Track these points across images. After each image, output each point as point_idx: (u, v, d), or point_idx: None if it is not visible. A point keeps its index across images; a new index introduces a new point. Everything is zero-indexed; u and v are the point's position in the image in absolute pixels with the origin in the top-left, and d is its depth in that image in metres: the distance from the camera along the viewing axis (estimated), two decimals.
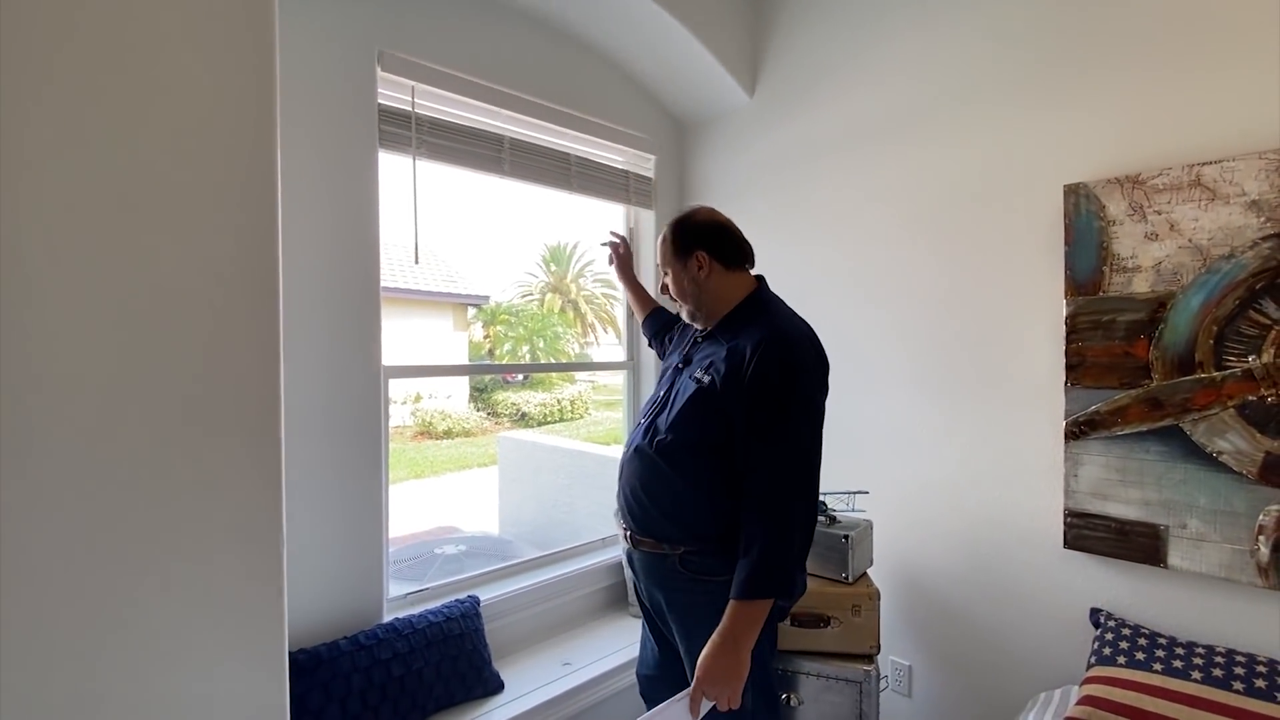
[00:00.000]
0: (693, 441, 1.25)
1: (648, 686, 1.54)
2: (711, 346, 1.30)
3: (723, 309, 1.32)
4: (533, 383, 13.20)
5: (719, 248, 1.31)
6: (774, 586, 1.13)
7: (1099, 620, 1.55)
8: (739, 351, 1.20)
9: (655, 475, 1.30)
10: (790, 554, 1.15)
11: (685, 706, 1.13)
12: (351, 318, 1.68)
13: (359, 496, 1.69)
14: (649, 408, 1.40)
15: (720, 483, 1.25)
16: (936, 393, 1.86)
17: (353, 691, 1.51)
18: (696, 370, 1.28)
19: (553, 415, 11.81)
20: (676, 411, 1.27)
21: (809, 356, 1.21)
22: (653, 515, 1.32)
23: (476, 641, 1.76)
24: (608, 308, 22.07)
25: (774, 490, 1.14)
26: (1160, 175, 1.44)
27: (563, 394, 12.47)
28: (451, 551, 3.02)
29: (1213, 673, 1.31)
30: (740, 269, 1.34)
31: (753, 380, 1.16)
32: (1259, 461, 1.34)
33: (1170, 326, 1.44)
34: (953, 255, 1.82)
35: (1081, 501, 1.57)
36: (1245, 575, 1.36)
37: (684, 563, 1.28)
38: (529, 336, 13.14)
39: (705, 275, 1.30)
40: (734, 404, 1.19)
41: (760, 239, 2.32)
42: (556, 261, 20.88)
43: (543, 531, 3.35)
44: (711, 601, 1.20)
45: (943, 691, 1.87)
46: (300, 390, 1.53)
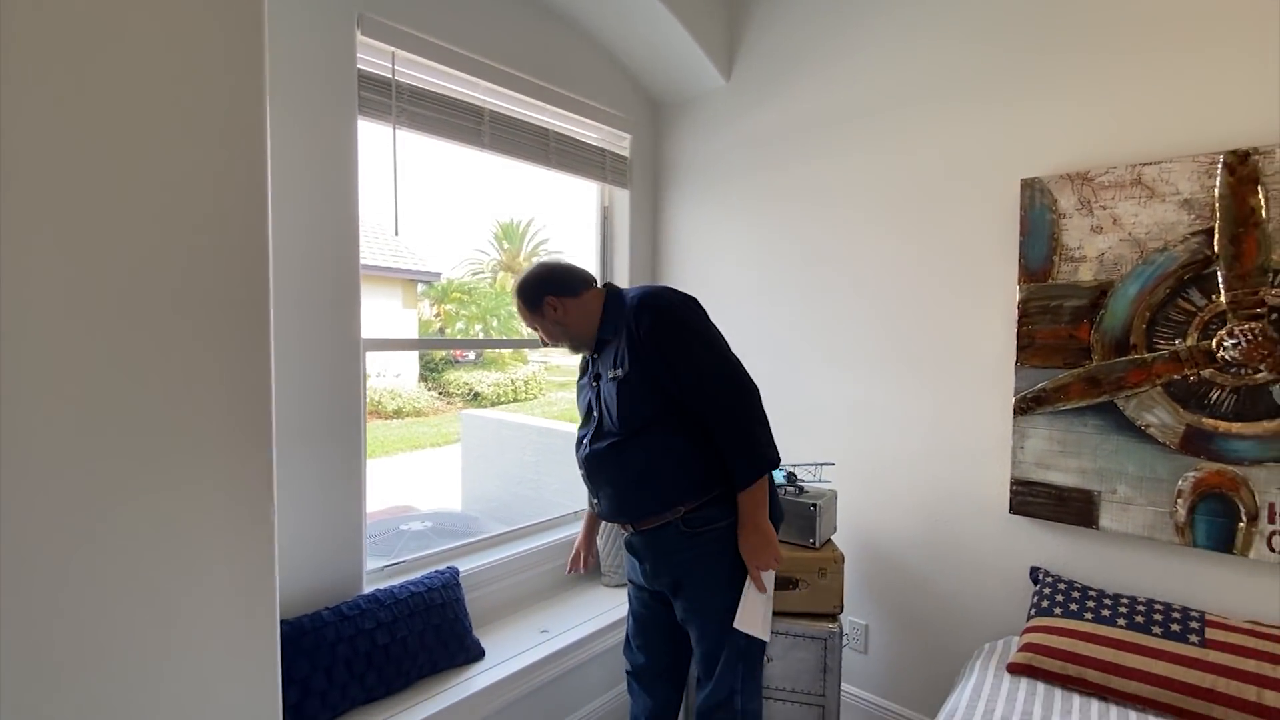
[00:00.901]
0: (645, 420, 1.38)
1: (638, 679, 1.63)
2: (607, 351, 1.45)
3: (593, 324, 1.47)
4: (485, 362, 13.01)
5: (559, 287, 1.46)
6: (760, 465, 1.34)
7: (1038, 577, 1.71)
8: (628, 333, 1.38)
9: (628, 466, 1.41)
10: (756, 437, 1.34)
11: (756, 591, 1.37)
12: (330, 288, 1.66)
13: (338, 468, 1.68)
14: (586, 425, 1.51)
15: (684, 441, 1.37)
16: (898, 371, 1.98)
17: (338, 660, 1.52)
18: (608, 374, 1.42)
19: (506, 395, 11.70)
20: (615, 410, 1.39)
21: (672, 298, 1.39)
22: (644, 498, 1.41)
23: (458, 611, 1.79)
24: None
25: (720, 401, 1.34)
26: (1106, 173, 1.58)
27: (517, 374, 12.36)
28: (418, 528, 3.01)
29: (1135, 619, 1.48)
30: (586, 291, 1.47)
31: (647, 341, 1.35)
32: (1180, 433, 1.50)
33: (1110, 312, 1.59)
34: (916, 241, 1.94)
35: (1026, 471, 1.72)
36: (1165, 534, 1.53)
37: (687, 522, 1.38)
38: (482, 315, 12.92)
39: (563, 313, 1.45)
40: (653, 368, 1.35)
41: (732, 219, 2.40)
42: (509, 239, 20.50)
43: (508, 508, 3.37)
44: (722, 548, 1.37)
45: (896, 647, 2.02)
46: (280, 362, 1.51)
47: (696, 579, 1.41)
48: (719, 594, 1.39)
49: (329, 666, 1.50)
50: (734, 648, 1.41)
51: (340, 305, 1.68)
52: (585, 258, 2.64)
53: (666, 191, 2.61)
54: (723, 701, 1.43)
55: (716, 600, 1.40)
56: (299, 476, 1.60)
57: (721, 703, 1.43)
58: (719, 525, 1.38)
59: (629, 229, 2.55)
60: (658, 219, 2.65)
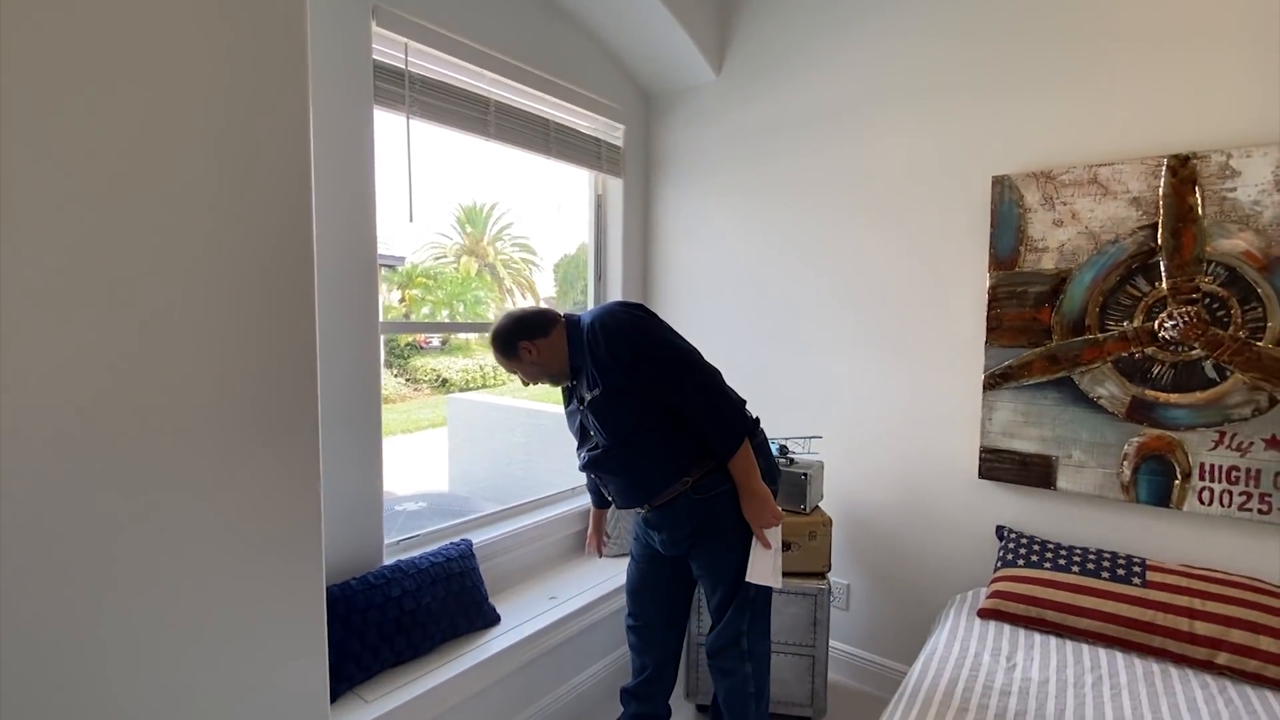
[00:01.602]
0: (630, 427, 1.52)
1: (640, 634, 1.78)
2: (580, 378, 1.60)
3: (563, 359, 1.59)
4: (452, 348, 12.91)
5: (530, 332, 1.57)
6: (733, 437, 1.48)
7: (1003, 534, 1.91)
8: (591, 356, 1.52)
9: (628, 464, 1.56)
10: (723, 413, 1.49)
11: (762, 548, 1.51)
12: (352, 272, 1.72)
13: (360, 446, 1.76)
14: (583, 445, 1.66)
15: (670, 430, 1.52)
16: (878, 352, 2.15)
17: (369, 625, 1.61)
18: (585, 396, 1.56)
19: (475, 381, 11.66)
20: (601, 424, 1.54)
21: (619, 314, 1.52)
22: (651, 483, 1.56)
23: (475, 579, 1.89)
24: (526, 272, 21.64)
25: (684, 392, 1.48)
26: (1067, 172, 1.76)
27: (485, 359, 12.32)
28: (413, 508, 3.08)
29: (1087, 566, 1.69)
30: (551, 329, 1.59)
31: (607, 360, 1.48)
32: (1127, 404, 1.71)
33: (1068, 297, 1.78)
34: (894, 232, 2.10)
35: (994, 440, 1.92)
36: (1113, 492, 1.74)
37: (696, 489, 1.52)
38: (449, 300, 12.79)
39: (537, 354, 1.57)
40: (619, 381, 1.49)
41: (721, 210, 2.53)
42: (472, 223, 20.16)
43: (499, 487, 3.46)
44: (730, 509, 1.52)
45: (874, 603, 2.21)
46: None
47: (709, 538, 1.55)
48: (729, 550, 1.54)
49: (361, 631, 1.59)
50: (743, 596, 1.57)
51: (360, 289, 1.74)
52: (553, 243, 2.73)
53: (657, 181, 2.72)
54: (731, 641, 1.59)
55: (728, 556, 1.55)
56: (327, 456, 1.67)
57: (730, 643, 1.59)
58: (724, 488, 1.52)
59: (622, 217, 2.66)
60: (649, 208, 2.76)
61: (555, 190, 2.63)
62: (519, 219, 12.02)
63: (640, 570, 1.75)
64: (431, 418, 8.50)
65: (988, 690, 1.43)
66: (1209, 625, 1.48)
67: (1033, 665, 1.52)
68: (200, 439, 1.04)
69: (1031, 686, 1.44)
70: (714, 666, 1.65)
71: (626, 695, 1.84)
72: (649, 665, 1.77)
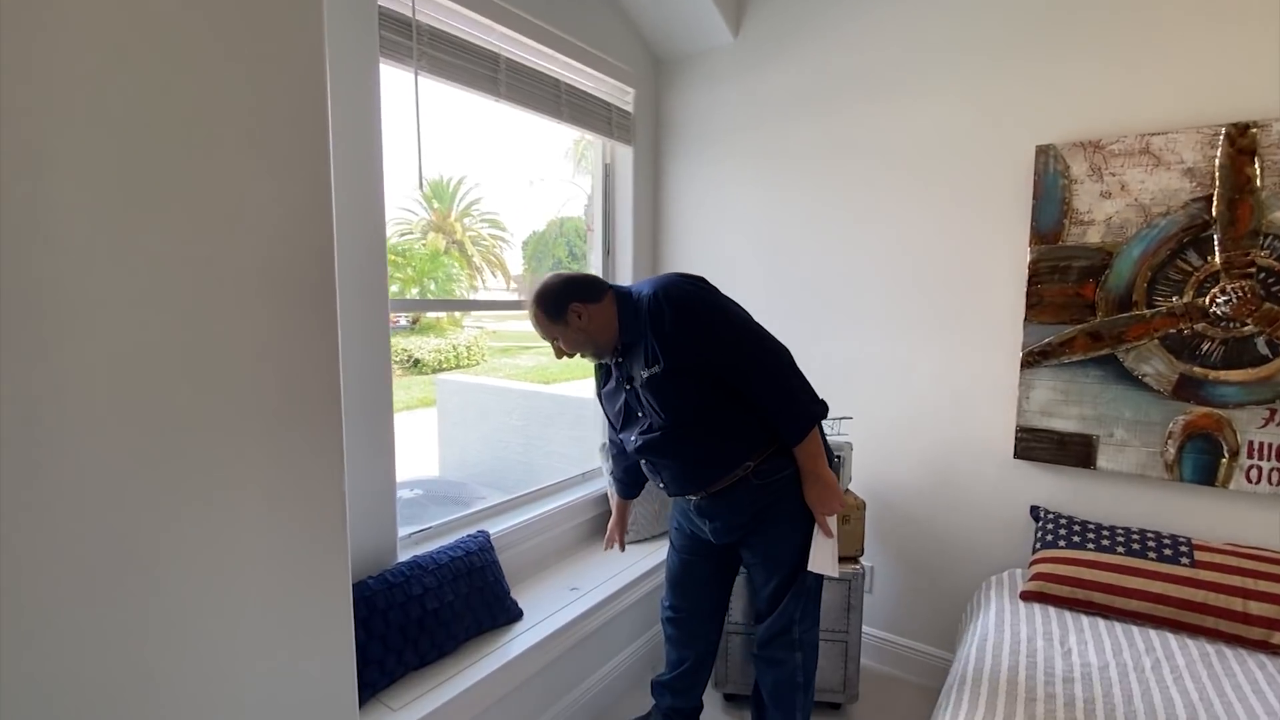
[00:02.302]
0: (692, 407, 1.41)
1: (679, 625, 1.70)
2: (633, 354, 1.47)
3: (613, 329, 1.46)
4: (423, 327, 12.55)
5: (583, 293, 1.44)
6: (806, 420, 1.40)
7: (1038, 515, 1.88)
8: (653, 329, 1.39)
9: (688, 449, 1.45)
10: (796, 395, 1.40)
11: (824, 536, 1.45)
12: (361, 244, 1.56)
13: (370, 433, 1.61)
14: (630, 426, 1.53)
15: (734, 412, 1.42)
16: (908, 329, 2.08)
17: (391, 627, 1.49)
18: (642, 373, 1.44)
19: (449, 361, 11.38)
20: (660, 405, 1.42)
21: (684, 286, 1.41)
22: (710, 469, 1.46)
23: (496, 573, 1.77)
24: (495, 250, 21.19)
25: (754, 371, 1.38)
26: (1117, 142, 1.70)
27: (458, 339, 12.01)
28: (409, 495, 2.93)
29: (1132, 546, 1.66)
30: (603, 296, 1.47)
31: (674, 334, 1.37)
32: (1174, 381, 1.68)
33: (1114, 272, 1.73)
34: (928, 204, 2.02)
35: (1031, 419, 1.87)
36: (1155, 471, 1.72)
37: (758, 475, 1.43)
38: (419, 278, 12.39)
39: (588, 320, 1.44)
40: (684, 357, 1.38)
41: (737, 181, 2.41)
42: (439, 198, 19.60)
43: (496, 472, 3.33)
44: (791, 494, 1.45)
45: (900, 586, 2.18)
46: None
47: (769, 525, 1.47)
48: (790, 536, 1.47)
49: (384, 634, 1.47)
50: (800, 585, 1.50)
51: (369, 263, 1.58)
52: (526, 220, 2.58)
53: (668, 149, 2.58)
54: (783, 630, 1.53)
55: (787, 543, 1.47)
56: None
57: (781, 631, 1.53)
58: (787, 473, 1.44)
59: (632, 187, 2.52)
60: (659, 177, 2.62)
61: (527, 165, 2.46)
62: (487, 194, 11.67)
63: (683, 561, 1.66)
64: (406, 399, 8.25)
65: (1050, 677, 1.39)
66: (1263, 605, 1.46)
67: (1088, 649, 1.48)
68: (221, 427, 0.91)
69: (1093, 672, 1.40)
70: (763, 657, 1.58)
71: (660, 688, 1.76)
72: (688, 658, 1.70)
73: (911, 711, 1.99)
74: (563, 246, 24.97)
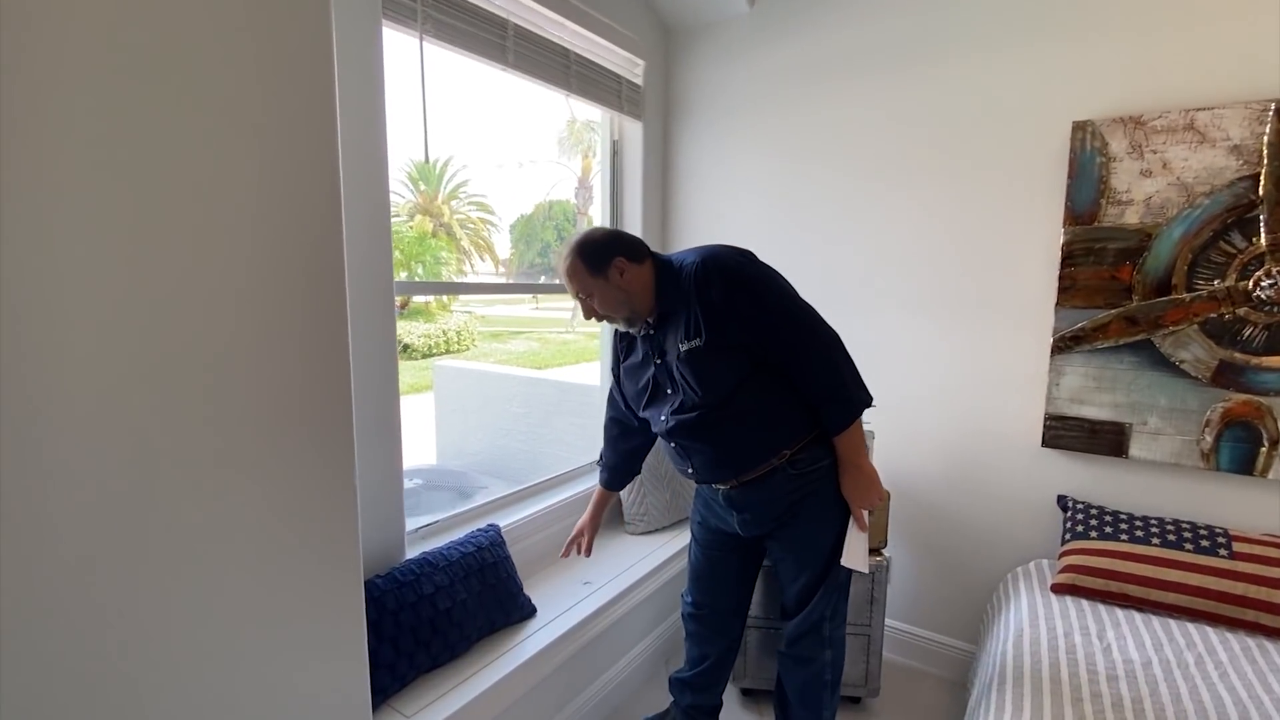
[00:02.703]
0: (731, 386, 1.33)
1: (702, 622, 1.63)
2: (670, 324, 1.38)
3: (650, 295, 1.37)
4: (411, 312, 12.36)
5: (628, 250, 1.36)
6: (852, 408, 1.33)
7: (1066, 505, 1.83)
8: (698, 299, 1.30)
9: (724, 433, 1.36)
10: (844, 381, 1.32)
11: (858, 530, 1.39)
12: (362, 221, 1.45)
13: (376, 421, 1.51)
14: (658, 403, 1.44)
15: (776, 394, 1.34)
16: (933, 313, 2.01)
17: (403, 629, 1.40)
18: (678, 346, 1.35)
19: (439, 346, 11.22)
20: (698, 382, 1.33)
21: (736, 257, 1.34)
22: (746, 456, 1.37)
23: (509, 569, 1.69)
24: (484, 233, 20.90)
25: (803, 351, 1.31)
26: (1160, 117, 1.62)
27: (447, 324, 11.84)
28: (408, 485, 2.83)
29: (1167, 538, 1.61)
30: (644, 258, 1.39)
31: (721, 306, 1.28)
32: (1213, 368, 1.62)
33: (1153, 254, 1.66)
34: (955, 184, 1.94)
35: (1061, 406, 1.81)
36: (1190, 460, 1.67)
37: (794, 464, 1.36)
38: (406, 261, 12.17)
39: (630, 279, 1.35)
40: (730, 332, 1.29)
41: (749, 157, 2.31)
42: (425, 180, 19.26)
43: (498, 461, 3.24)
44: (828, 485, 1.39)
45: (920, 576, 2.13)
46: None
47: (804, 517, 1.40)
48: (825, 530, 1.40)
49: (394, 637, 1.39)
50: (832, 580, 1.44)
51: (373, 241, 1.47)
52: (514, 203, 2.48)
53: (678, 125, 2.47)
54: (813, 628, 1.47)
55: (821, 537, 1.41)
56: None
57: (811, 629, 1.47)
58: (824, 463, 1.37)
59: (641, 164, 2.41)
60: (668, 154, 2.51)
61: (516, 147, 2.35)
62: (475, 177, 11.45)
63: (707, 555, 1.59)
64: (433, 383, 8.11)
65: (1093, 675, 1.34)
66: None
67: (1127, 645, 1.44)
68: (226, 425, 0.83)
69: (1136, 669, 1.35)
70: (790, 655, 1.52)
71: (680, 685, 1.70)
72: (710, 655, 1.63)
73: (933, 705, 1.95)
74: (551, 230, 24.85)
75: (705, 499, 1.56)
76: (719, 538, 1.56)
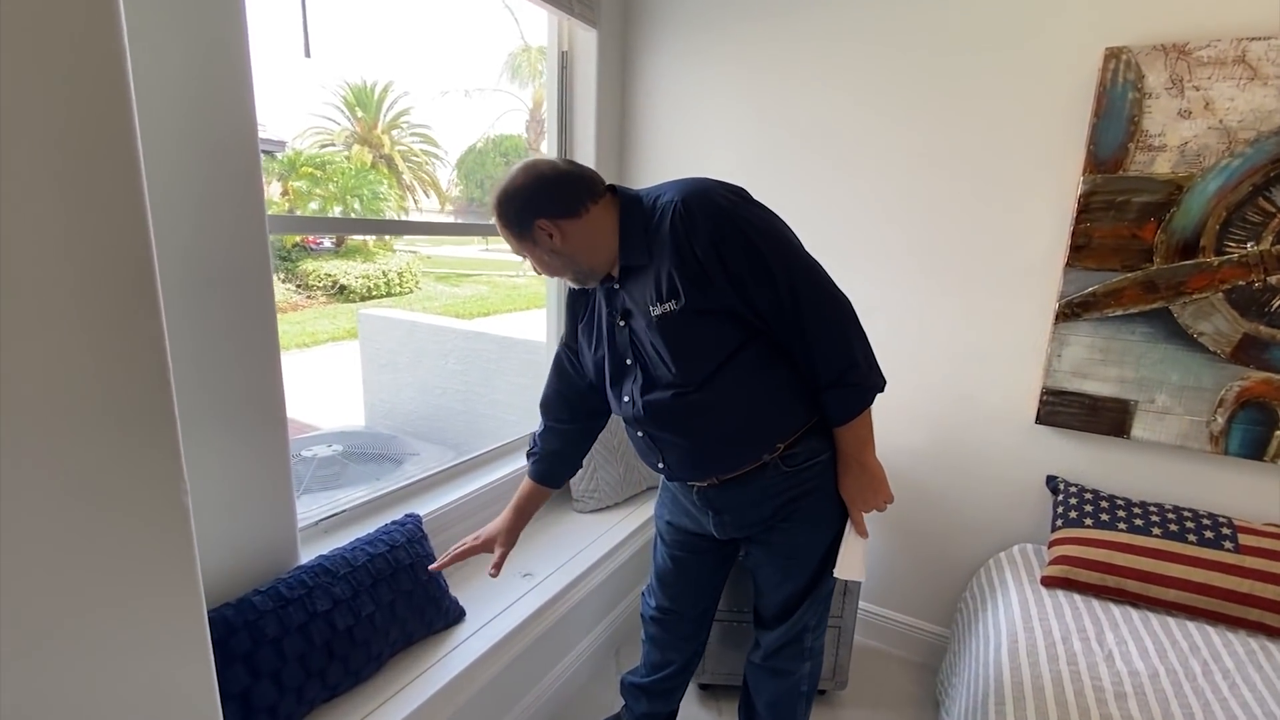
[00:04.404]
0: (717, 361, 1.06)
1: (666, 627, 1.43)
2: (638, 280, 1.08)
3: (608, 247, 1.08)
4: (349, 250, 11.54)
5: (553, 205, 1.04)
6: (865, 394, 1.09)
7: (1057, 487, 1.67)
8: (675, 249, 1.01)
9: (707, 420, 1.09)
10: (857, 360, 1.06)
11: (857, 536, 1.18)
12: (223, 147, 1.07)
13: (248, 385, 1.18)
14: (622, 379, 1.16)
15: (770, 371, 1.08)
16: (923, 268, 1.78)
17: (289, 659, 1.12)
18: (650, 310, 1.05)
19: (379, 289, 10.54)
20: (672, 355, 1.05)
21: (725, 193, 1.03)
22: (735, 450, 1.12)
23: None
24: (428, 167, 19.69)
25: (814, 319, 1.03)
26: (1208, 47, 1.38)
27: (388, 264, 11.11)
28: (325, 452, 2.50)
29: (1169, 528, 1.47)
30: (593, 206, 1.07)
31: (708, 256, 1.00)
32: (1235, 342, 1.45)
33: (1182, 210, 1.45)
34: (956, 120, 1.67)
35: (1061, 380, 1.63)
36: (1198, 443, 1.51)
37: (788, 460, 1.11)
38: (341, 195, 11.23)
39: (560, 239, 1.06)
40: (717, 292, 1.01)
41: (723, 79, 1.97)
42: (362, 106, 17.88)
43: (430, 421, 2.92)
44: (824, 484, 1.15)
45: (891, 556, 1.97)
46: (166, 246, 0.95)
47: (793, 521, 1.17)
48: (818, 536, 1.18)
49: (277, 671, 1.10)
50: (821, 589, 1.23)
51: (237, 167, 1.10)
52: (460, 136, 2.10)
53: (640, 35, 2.09)
54: (794, 640, 1.28)
55: (813, 544, 1.19)
56: (196, 405, 1.09)
57: (792, 640, 1.28)
58: (822, 458, 1.13)
59: (596, 84, 2.04)
60: (627, 72, 2.14)
61: (461, 75, 1.94)
62: (418, 105, 10.59)
63: (674, 558, 1.36)
64: (331, 330, 7.54)
65: (1100, 694, 1.19)
66: None
67: (1130, 652, 1.29)
68: None
69: (1144, 683, 1.21)
70: (766, 668, 1.32)
71: (635, 691, 1.50)
72: (673, 661, 1.43)
73: (901, 693, 1.83)
74: (499, 164, 23.71)
75: (674, 493, 1.31)
76: (689, 539, 1.33)
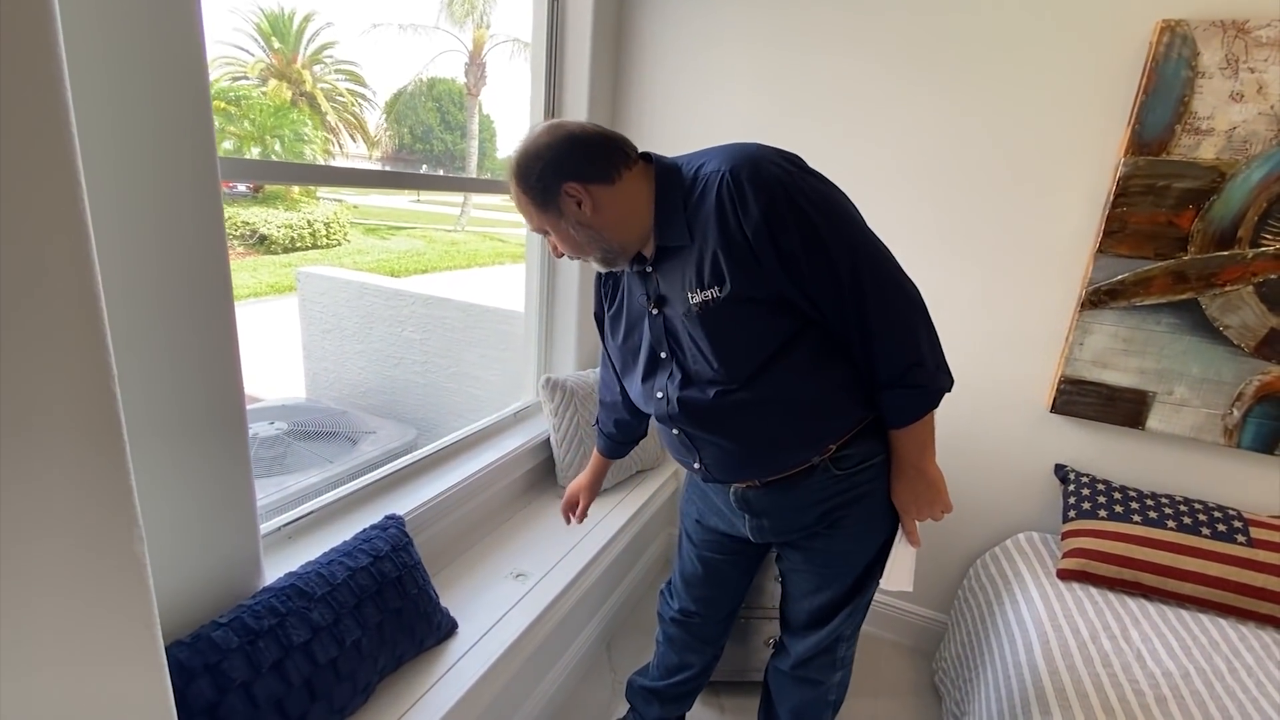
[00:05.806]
0: (766, 356, 0.92)
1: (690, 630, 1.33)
2: (675, 262, 0.94)
3: (641, 222, 0.93)
4: (269, 197, 10.57)
5: (584, 167, 0.89)
6: (930, 396, 0.95)
7: (1066, 476, 1.65)
8: (720, 228, 0.87)
9: (752, 422, 0.97)
10: (924, 359, 0.93)
11: (907, 547, 1.08)
12: (163, 88, 0.81)
13: (199, 361, 0.94)
14: (655, 373, 1.02)
15: (823, 360, 0.95)
16: (945, 246, 1.68)
17: (262, 707, 0.92)
18: (688, 296, 0.92)
19: (303, 239, 9.76)
20: (713, 349, 0.92)
21: (781, 163, 0.88)
22: (782, 453, 1.00)
23: (419, 578, 1.23)
24: (354, 107, 18.36)
25: (880, 309, 0.90)
26: (1269, 25, 1.31)
27: (313, 214, 10.28)
28: (268, 431, 2.21)
29: (1183, 520, 1.46)
30: (626, 171, 0.92)
31: (760, 237, 0.85)
32: (1260, 336, 1.43)
33: (1223, 199, 1.40)
34: (988, 94, 1.55)
35: (1080, 369, 1.59)
36: (1211, 436, 1.51)
37: (839, 462, 1.00)
38: (259, 135, 10.21)
39: (591, 209, 0.90)
40: (770, 278, 0.87)
41: (743, 37, 1.78)
42: (280, 37, 16.40)
43: (386, 396, 2.66)
44: (877, 488, 1.04)
45: None
46: (99, 201, 0.70)
47: (840, 528, 1.06)
48: (865, 543, 1.08)
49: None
50: (862, 599, 1.14)
51: (177, 101, 0.84)
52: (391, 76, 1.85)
53: None
54: (827, 649, 1.19)
55: (859, 550, 1.08)
56: (137, 402, 0.85)
57: (825, 650, 1.19)
58: (875, 461, 1.02)
59: (591, 28, 1.79)
60: (623, 19, 1.91)
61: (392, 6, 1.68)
62: (344, 39, 9.65)
63: (703, 559, 1.24)
64: (254, 284, 6.90)
65: (1140, 697, 1.16)
66: None
67: (1158, 650, 1.28)
68: None
69: (1178, 684, 1.19)
70: (795, 677, 1.23)
71: (646, 695, 1.40)
72: (692, 665, 1.34)
73: (897, 679, 1.80)
74: (433, 111, 22.42)
75: (704, 490, 1.18)
76: (720, 540, 1.20)
